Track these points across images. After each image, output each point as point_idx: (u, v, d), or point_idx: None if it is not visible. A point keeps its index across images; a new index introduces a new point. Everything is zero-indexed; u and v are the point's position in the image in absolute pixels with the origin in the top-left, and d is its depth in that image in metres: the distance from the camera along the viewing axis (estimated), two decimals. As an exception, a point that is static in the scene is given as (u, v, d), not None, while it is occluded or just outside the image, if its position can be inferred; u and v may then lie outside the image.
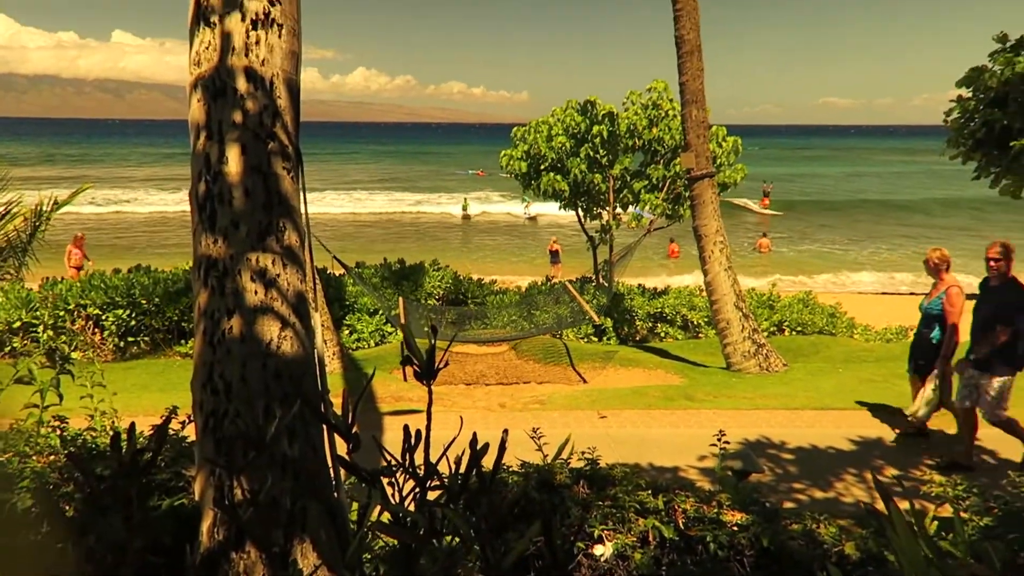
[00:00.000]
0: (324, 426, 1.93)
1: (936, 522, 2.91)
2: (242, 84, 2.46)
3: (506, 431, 1.34)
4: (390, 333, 12.31)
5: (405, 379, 10.21)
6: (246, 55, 2.48)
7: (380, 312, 12.25)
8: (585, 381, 10.36)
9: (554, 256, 24.38)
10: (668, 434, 7.41)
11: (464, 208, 44.40)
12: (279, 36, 2.55)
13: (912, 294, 21.65)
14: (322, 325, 9.63)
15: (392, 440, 1.81)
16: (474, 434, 1.27)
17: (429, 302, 13.57)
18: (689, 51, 10.27)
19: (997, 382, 6.14)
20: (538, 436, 3.30)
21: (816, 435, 7.24)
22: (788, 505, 5.48)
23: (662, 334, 13.70)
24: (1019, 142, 16.81)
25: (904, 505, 3.88)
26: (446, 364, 1.30)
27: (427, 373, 1.30)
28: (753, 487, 3.21)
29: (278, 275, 2.42)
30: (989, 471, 6.26)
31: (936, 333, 6.94)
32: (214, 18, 2.48)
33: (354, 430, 1.30)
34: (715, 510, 2.50)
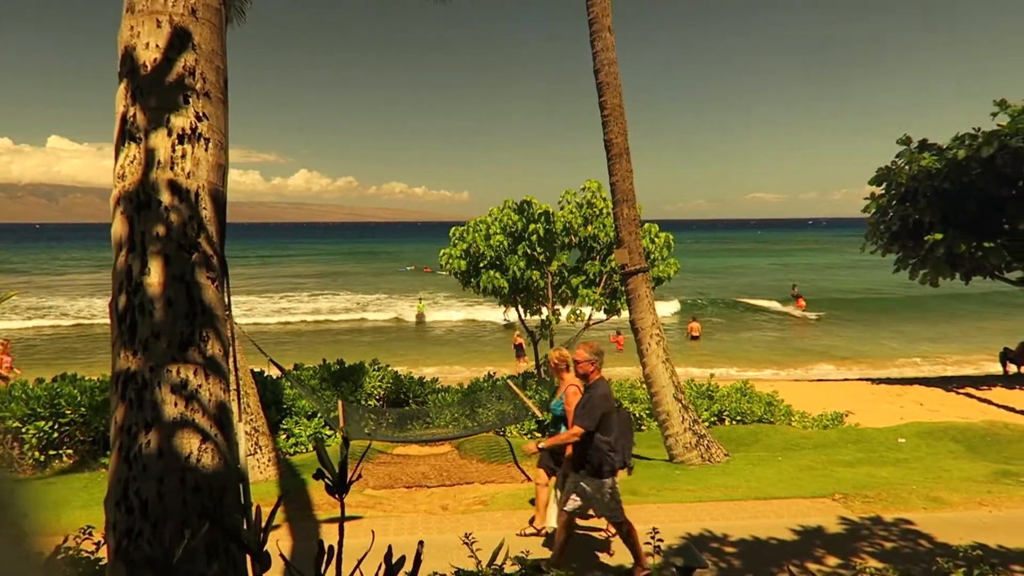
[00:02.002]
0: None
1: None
2: (166, 197, 2.49)
3: (421, 543, 1.33)
4: (330, 436, 11.99)
5: (344, 484, 9.90)
6: (171, 169, 2.52)
7: (319, 415, 11.96)
8: (530, 479, 10.20)
9: (519, 350, 24.52)
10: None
11: (419, 310, 41.45)
12: (205, 150, 2.61)
13: (846, 380, 22.26)
14: (256, 431, 9.32)
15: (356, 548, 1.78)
16: (389, 547, 1.25)
17: (370, 403, 13.32)
18: (618, 153, 10.74)
19: (591, 486, 5.86)
20: (471, 541, 3.24)
21: (758, 526, 7.24)
22: (733, 600, 5.42)
23: (605, 428, 13.67)
24: (933, 236, 17.93)
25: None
26: (359, 477, 1.29)
27: (339, 486, 1.29)
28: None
29: (200, 386, 2.39)
30: (925, 555, 6.32)
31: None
32: (139, 134, 2.52)
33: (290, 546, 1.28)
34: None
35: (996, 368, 21.94)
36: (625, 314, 12.57)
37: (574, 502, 5.94)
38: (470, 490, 9.79)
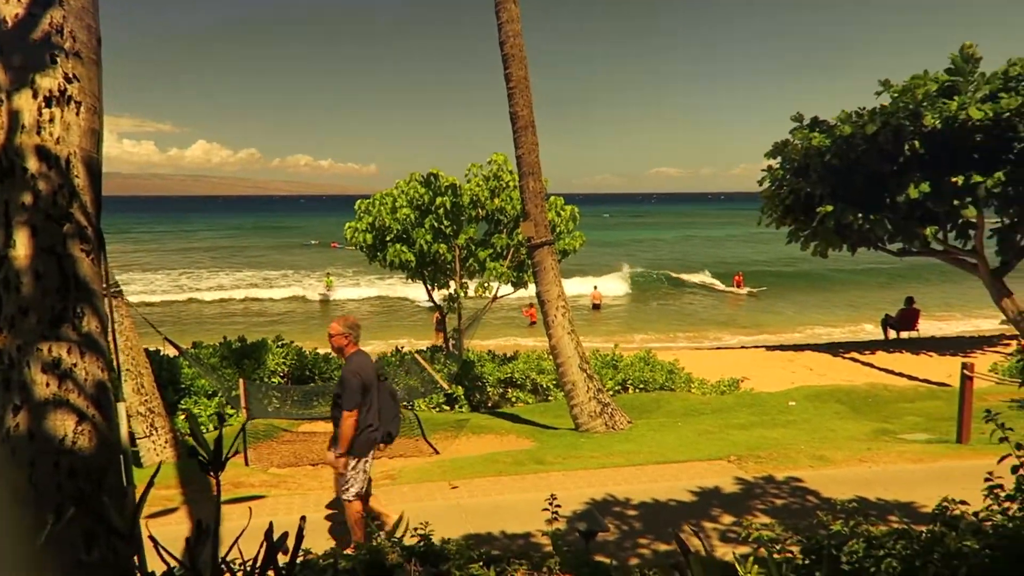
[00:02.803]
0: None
1: (756, 565, 3.08)
2: (33, 163, 2.32)
3: (303, 518, 1.30)
4: (231, 415, 11.65)
5: (247, 463, 9.65)
6: (38, 133, 2.35)
7: (220, 394, 11.59)
8: (437, 452, 10.23)
9: (439, 324, 24.48)
10: (519, 500, 7.41)
11: (327, 284, 40.13)
12: (77, 114, 2.43)
13: (743, 347, 23.26)
14: (152, 411, 8.94)
15: (230, 530, 1.68)
16: (270, 524, 1.22)
17: (273, 380, 13.01)
18: (523, 126, 10.75)
19: (348, 464, 5.68)
20: (372, 517, 3.21)
21: (659, 489, 7.51)
22: (633, 561, 5.62)
23: (513, 399, 13.84)
24: (824, 208, 18.82)
25: (743, 550, 4.07)
26: (235, 453, 1.25)
27: (214, 464, 1.24)
28: (598, 546, 3.27)
29: (74, 365, 2.25)
30: (811, 510, 6.70)
31: None
32: (0, 95, 2.33)
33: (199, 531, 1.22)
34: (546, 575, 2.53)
35: (878, 334, 23.39)
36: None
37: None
38: (377, 464, 9.69)
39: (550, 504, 3.50)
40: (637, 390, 14.08)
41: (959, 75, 17.67)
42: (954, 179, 17.14)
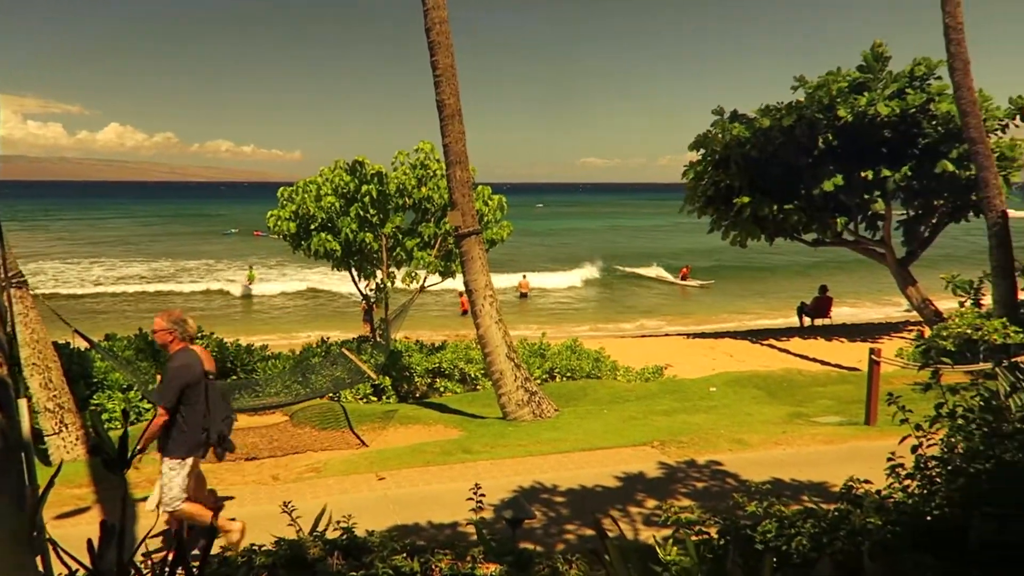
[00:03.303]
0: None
1: (675, 547, 3.16)
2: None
3: (215, 516, 1.27)
4: (147, 410, 11.24)
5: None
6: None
7: (135, 388, 11.16)
8: (364, 444, 10.12)
9: (366, 314, 24.09)
10: (447, 489, 7.41)
11: (249, 279, 37.48)
12: (-32, 93, 2.29)
13: (667, 335, 23.82)
14: (61, 407, 8.55)
15: (145, 528, 1.61)
16: (181, 523, 1.17)
17: (193, 373, 12.59)
18: (450, 115, 10.68)
19: (167, 466, 5.26)
20: (291, 510, 3.15)
21: (585, 476, 7.63)
22: (559, 546, 5.69)
23: (441, 389, 13.81)
24: (741, 199, 19.42)
25: (665, 533, 4.12)
26: (143, 450, 1.20)
27: (119, 462, 1.19)
28: (525, 533, 3.30)
29: (-32, 360, 2.12)
30: (729, 492, 6.93)
31: None
32: None
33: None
34: (469, 565, 2.54)
35: (794, 321, 24.32)
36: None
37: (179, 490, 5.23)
38: (303, 458, 9.57)
39: (475, 493, 3.51)
40: (564, 378, 14.25)
41: (870, 72, 18.46)
42: (864, 173, 17.94)
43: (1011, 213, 14.59)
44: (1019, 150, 17.83)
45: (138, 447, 5.29)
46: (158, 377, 10.03)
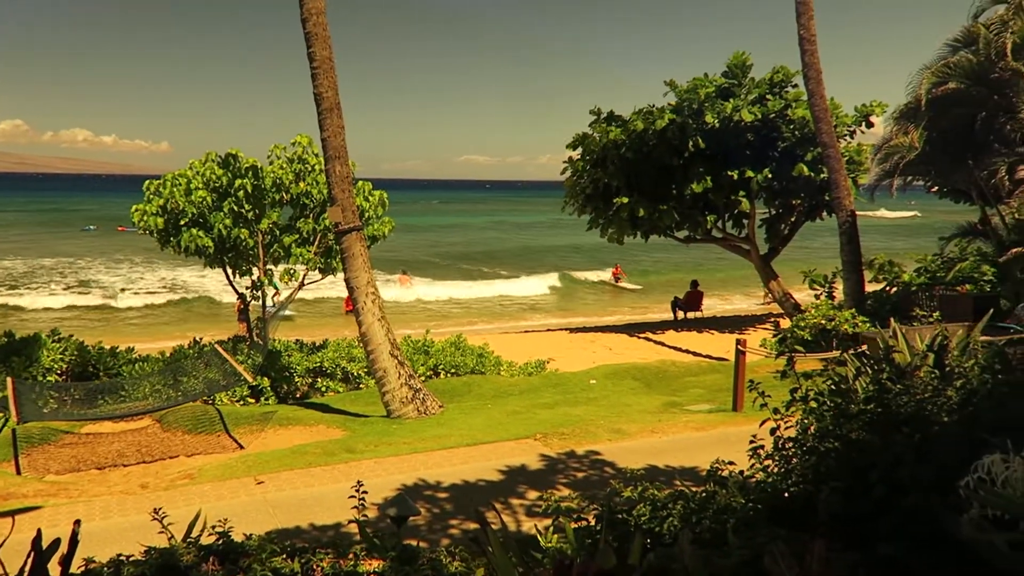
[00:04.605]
0: None
1: (556, 534, 3.26)
2: None
3: (78, 522, 1.21)
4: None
5: (18, 471, 8.70)
6: None
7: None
8: (242, 447, 9.78)
9: (241, 314, 22.96)
10: (330, 491, 7.28)
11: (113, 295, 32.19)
12: None
13: (549, 330, 24.28)
14: None
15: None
16: (37, 531, 1.11)
17: (49, 378, 11.76)
18: (328, 108, 10.46)
19: None
20: (162, 516, 3.02)
21: (469, 470, 7.69)
22: (444, 541, 5.72)
23: (323, 389, 13.51)
24: (620, 199, 20.05)
25: (546, 522, 4.21)
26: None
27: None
28: (410, 531, 3.30)
29: None
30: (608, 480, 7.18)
31: None
32: None
33: None
34: (352, 562, 2.52)
35: (669, 315, 25.37)
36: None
37: None
38: (175, 464, 9.15)
39: (357, 491, 3.49)
40: (448, 375, 14.26)
41: (734, 79, 19.52)
42: (730, 173, 18.96)
43: (859, 213, 15.87)
44: (865, 154, 19.35)
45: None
46: (9, 382, 9.31)
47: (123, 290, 34.21)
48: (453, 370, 14.43)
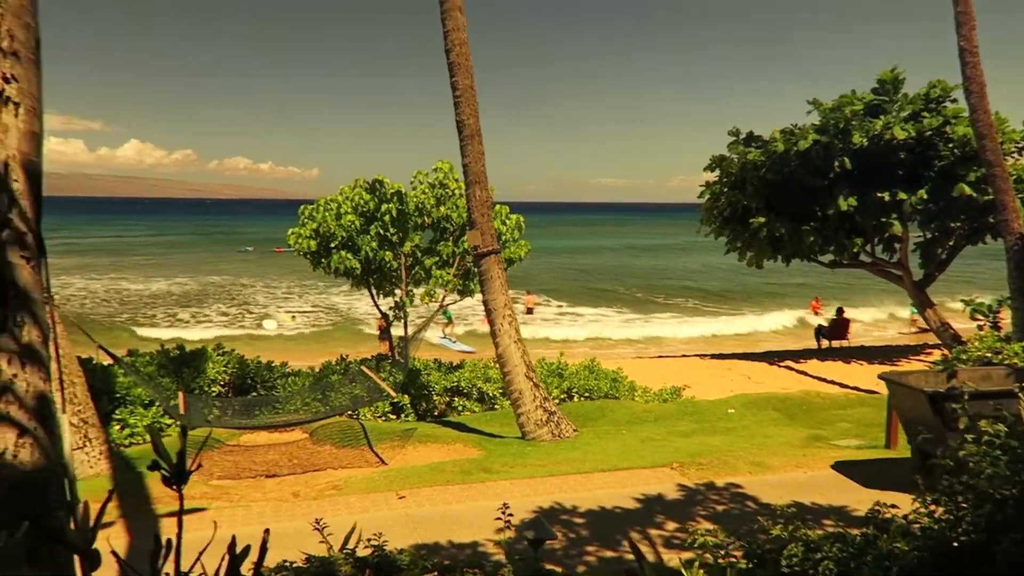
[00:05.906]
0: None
1: (702, 570, 3.16)
2: (-29, 168, 2.25)
3: (267, 531, 1.30)
4: (169, 425, 11.33)
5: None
6: (-25, 137, 2.28)
7: (157, 403, 11.26)
8: (384, 462, 10.13)
9: (383, 333, 24.12)
10: (466, 509, 7.41)
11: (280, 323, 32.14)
12: (15, 116, 2.37)
13: (684, 356, 23.70)
14: (85, 422, 8.65)
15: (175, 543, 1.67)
16: (233, 537, 1.21)
17: (213, 390, 12.71)
18: (470, 135, 10.78)
19: None
20: (322, 526, 3.18)
21: (604, 496, 7.60)
22: (581, 568, 5.67)
23: (459, 408, 13.81)
24: (757, 220, 19.38)
25: (688, 555, 4.10)
26: (198, 467, 1.24)
27: (177, 477, 1.23)
28: (546, 554, 3.31)
29: (15, 376, 2.18)
30: (750, 515, 6.88)
31: None
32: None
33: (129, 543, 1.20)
34: (499, 583, 2.55)
35: (812, 343, 24.14)
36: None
37: None
38: (323, 476, 9.60)
39: (502, 512, 3.53)
40: (582, 398, 14.21)
41: (884, 95, 18.44)
42: (880, 194, 17.87)
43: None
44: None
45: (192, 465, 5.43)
46: (180, 393, 10.15)
47: (269, 317, 34.37)
48: (587, 394, 14.36)
